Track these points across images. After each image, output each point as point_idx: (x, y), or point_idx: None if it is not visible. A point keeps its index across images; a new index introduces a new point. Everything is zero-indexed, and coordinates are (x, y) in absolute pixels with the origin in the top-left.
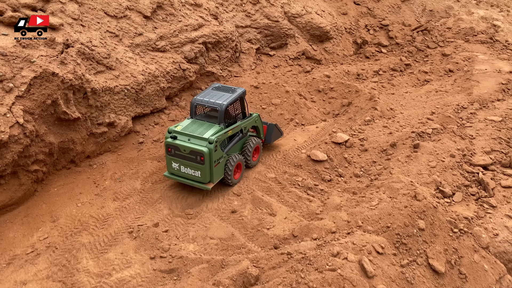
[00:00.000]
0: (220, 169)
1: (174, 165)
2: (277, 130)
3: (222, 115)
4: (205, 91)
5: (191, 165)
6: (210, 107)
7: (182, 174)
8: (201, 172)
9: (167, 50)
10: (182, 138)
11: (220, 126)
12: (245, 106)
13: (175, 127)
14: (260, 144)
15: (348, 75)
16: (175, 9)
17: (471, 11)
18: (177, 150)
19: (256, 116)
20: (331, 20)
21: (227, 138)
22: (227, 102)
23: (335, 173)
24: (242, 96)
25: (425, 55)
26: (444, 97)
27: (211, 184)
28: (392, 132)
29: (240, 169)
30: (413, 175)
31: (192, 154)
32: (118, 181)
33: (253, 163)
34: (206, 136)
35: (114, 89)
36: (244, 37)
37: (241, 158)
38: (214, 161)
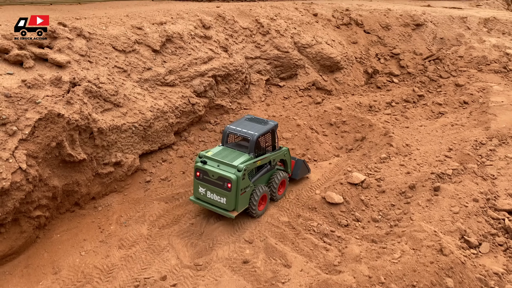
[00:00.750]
0: (245, 199)
1: (201, 189)
2: (304, 166)
3: (253, 145)
4: (238, 121)
5: (217, 191)
6: (243, 136)
7: (208, 200)
8: (226, 199)
9: (176, 84)
10: (211, 163)
11: (250, 155)
12: (275, 139)
13: (206, 153)
14: (286, 178)
15: (360, 106)
16: (185, 42)
17: (482, 39)
18: (206, 175)
19: (285, 150)
20: (341, 49)
21: (255, 168)
22: (259, 133)
23: (352, 217)
24: (273, 129)
25: (438, 86)
26: (460, 131)
27: (235, 212)
28: (410, 172)
29: (265, 201)
30: (435, 222)
31: (220, 180)
32: (124, 225)
33: (278, 197)
34: (236, 164)
35: (122, 127)
36: (253, 68)
37: (267, 190)
38: (241, 189)
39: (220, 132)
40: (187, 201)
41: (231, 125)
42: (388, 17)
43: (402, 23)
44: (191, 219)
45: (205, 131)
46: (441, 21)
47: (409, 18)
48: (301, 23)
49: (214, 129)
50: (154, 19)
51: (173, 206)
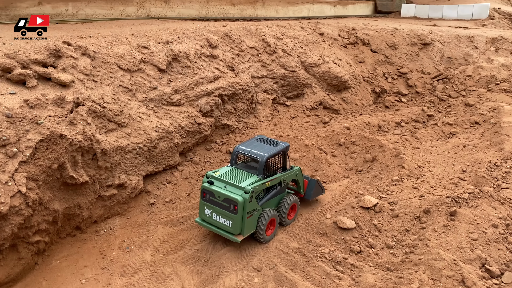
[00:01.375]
0: (252, 222)
1: (206, 211)
2: (318, 186)
3: (262, 167)
4: (248, 141)
5: (223, 213)
6: (252, 157)
7: (213, 222)
8: (232, 222)
9: (182, 104)
10: (218, 184)
11: (259, 177)
12: (286, 161)
13: (214, 173)
14: (297, 203)
15: (369, 126)
16: (191, 61)
17: (490, 58)
18: (212, 196)
19: (297, 169)
20: (348, 69)
21: (264, 190)
22: (269, 154)
23: (365, 243)
24: (284, 151)
25: (447, 105)
26: (473, 153)
27: (241, 236)
28: (424, 195)
29: (273, 225)
30: (453, 249)
31: (226, 202)
32: (126, 250)
33: (288, 222)
34: (243, 185)
35: (126, 148)
36: (260, 87)
37: (276, 214)
38: (248, 212)
39: (226, 152)
40: (192, 225)
41: (241, 145)
42: (395, 36)
43: (409, 42)
44: (196, 244)
45: (211, 151)
46: (448, 40)
47: (416, 37)
48: (308, 42)
49: (220, 149)
50: (160, 38)
51: (178, 231)
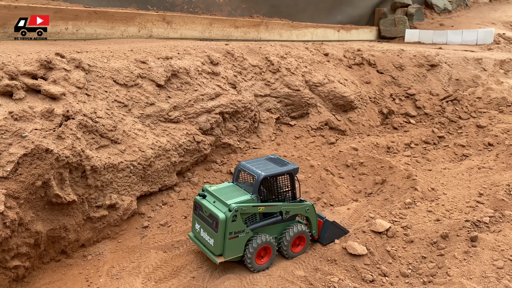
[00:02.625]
0: (237, 245)
1: (196, 226)
2: (335, 228)
3: (257, 186)
4: (257, 159)
5: (208, 230)
6: (250, 174)
7: (200, 238)
8: (214, 241)
9: (180, 121)
10: (209, 198)
11: (252, 196)
12: (295, 186)
13: (210, 187)
14: (306, 234)
15: (378, 148)
16: (191, 78)
17: (500, 80)
18: (201, 210)
19: (309, 204)
20: (354, 89)
21: (260, 214)
22: (267, 173)
23: (377, 271)
24: (291, 173)
25: (458, 127)
26: (489, 175)
27: (222, 258)
28: (440, 219)
29: (268, 254)
30: (477, 279)
31: (210, 218)
32: (115, 278)
33: (292, 254)
34: (229, 202)
35: (119, 165)
36: (263, 106)
37: (272, 242)
38: (230, 232)
39: (227, 173)
40: (188, 250)
41: (246, 162)
42: (401, 58)
43: (416, 64)
44: (192, 271)
45: (210, 172)
46: (456, 62)
47: (423, 58)
48: (312, 62)
49: (220, 169)
50: (160, 54)
51: (173, 256)
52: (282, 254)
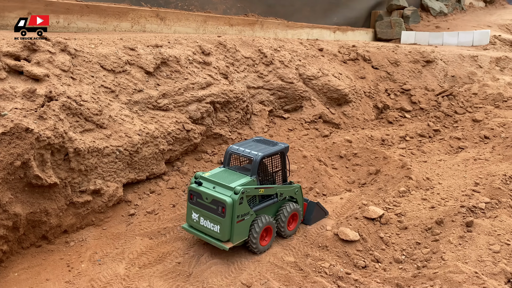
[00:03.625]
0: (243, 229)
1: (194, 215)
2: (319, 209)
3: (256, 167)
4: (244, 142)
5: (211, 217)
6: (245, 157)
7: (201, 228)
8: (220, 227)
9: (170, 109)
10: (207, 185)
11: (252, 178)
12: (286, 165)
13: (203, 174)
14: (299, 211)
15: (372, 140)
16: (181, 66)
17: (496, 77)
18: (200, 197)
19: (297, 187)
20: (349, 83)
21: (259, 197)
22: (263, 153)
23: (370, 257)
24: (283, 151)
25: (454, 121)
26: (485, 166)
27: (230, 244)
28: (435, 206)
29: (269, 235)
30: (472, 262)
31: (213, 204)
32: (97, 263)
33: (288, 233)
34: (233, 185)
35: (104, 150)
36: (256, 98)
37: (272, 222)
38: (237, 216)
39: (218, 163)
40: (176, 237)
41: (235, 145)
42: (396, 54)
43: (412, 60)
44: (178, 257)
45: (201, 161)
46: (451, 59)
47: (419, 54)
48: (306, 56)
49: (211, 160)
50: (149, 42)
51: (159, 243)
52: (279, 233)
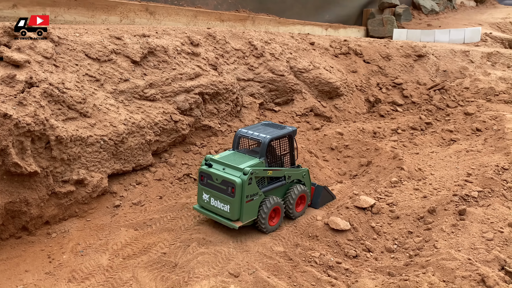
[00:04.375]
0: (252, 208)
1: (204, 196)
2: (326, 193)
3: (265, 149)
4: (252, 125)
5: (221, 197)
6: (254, 139)
7: (211, 208)
8: (230, 207)
9: (157, 99)
10: (217, 166)
11: (261, 159)
12: (294, 148)
13: (213, 156)
14: (307, 193)
15: (363, 133)
16: (169, 56)
17: (487, 71)
18: (210, 179)
19: (305, 170)
20: (340, 76)
21: (267, 179)
22: (272, 136)
23: (361, 246)
24: (291, 134)
25: (446, 114)
26: (478, 157)
27: (239, 222)
28: (427, 196)
29: (278, 215)
30: (465, 250)
31: (223, 184)
32: (79, 254)
33: (297, 214)
34: (242, 166)
35: (88, 139)
36: (246, 90)
37: (281, 202)
38: (247, 195)
39: None
40: (162, 228)
41: (244, 128)
42: (388, 48)
43: (403, 54)
44: (164, 248)
45: (189, 153)
46: (443, 54)
47: (410, 49)
48: (297, 49)
49: (199, 152)
50: (136, 32)
51: (144, 234)
52: (287, 215)
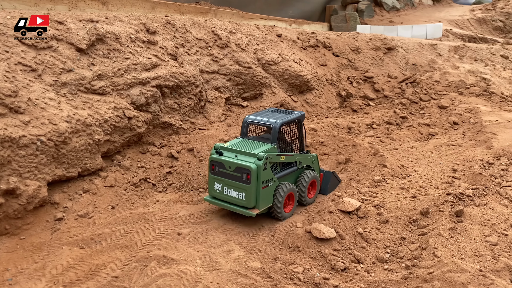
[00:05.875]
0: (268, 195)
1: (216, 186)
2: (334, 179)
3: (276, 133)
4: (259, 112)
5: (235, 185)
6: (264, 125)
7: (225, 197)
8: (245, 194)
9: (107, 92)
10: (228, 154)
11: (273, 145)
12: (302, 133)
13: (222, 144)
14: (317, 179)
15: (338, 128)
16: (122, 44)
17: (456, 65)
18: (222, 167)
19: (314, 156)
20: (310, 69)
21: (280, 164)
22: (282, 120)
23: (350, 257)
24: (300, 119)
25: (420, 108)
26: (459, 151)
27: (256, 210)
28: (416, 196)
29: (292, 201)
30: (470, 258)
31: (237, 172)
32: (7, 283)
33: (309, 201)
34: (256, 152)
35: (20, 140)
36: (210, 84)
37: (294, 188)
38: (262, 182)
39: (167, 156)
40: (114, 245)
41: (251, 115)
42: (357, 40)
43: (373, 47)
44: (116, 270)
45: (147, 155)
46: (412, 47)
47: (380, 41)
48: (264, 40)
49: (159, 152)
50: (82, 17)
51: (92, 253)
52: (300, 202)
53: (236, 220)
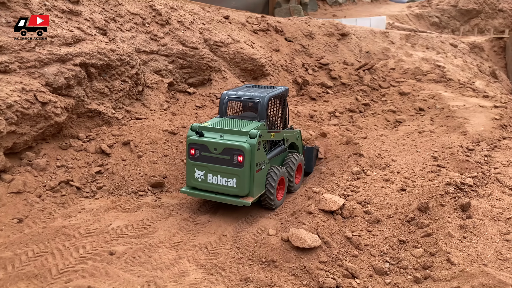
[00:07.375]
0: (261, 180)
1: (197, 174)
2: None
3: (264, 109)
4: (238, 88)
5: (223, 170)
6: (249, 100)
7: (209, 187)
8: (237, 180)
9: (12, 70)
10: (211, 135)
11: (261, 122)
12: (286, 110)
13: (201, 124)
14: (303, 163)
15: (299, 117)
16: (32, 12)
17: (409, 52)
18: (205, 150)
19: (298, 132)
20: (264, 53)
21: (268, 144)
22: (269, 94)
23: (341, 270)
24: (284, 94)
25: (381, 94)
26: (434, 138)
27: (251, 198)
28: (405, 188)
29: (283, 187)
30: (493, 264)
31: (226, 154)
32: None
33: (296, 187)
34: (247, 129)
35: None
36: (149, 66)
37: (285, 172)
38: (256, 164)
39: (95, 152)
40: (16, 275)
41: (230, 90)
42: (310, 25)
43: (326, 33)
44: None
45: (69, 151)
46: (364, 35)
47: (333, 27)
48: (211, 20)
49: (85, 148)
50: None
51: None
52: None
53: (190, 228)
